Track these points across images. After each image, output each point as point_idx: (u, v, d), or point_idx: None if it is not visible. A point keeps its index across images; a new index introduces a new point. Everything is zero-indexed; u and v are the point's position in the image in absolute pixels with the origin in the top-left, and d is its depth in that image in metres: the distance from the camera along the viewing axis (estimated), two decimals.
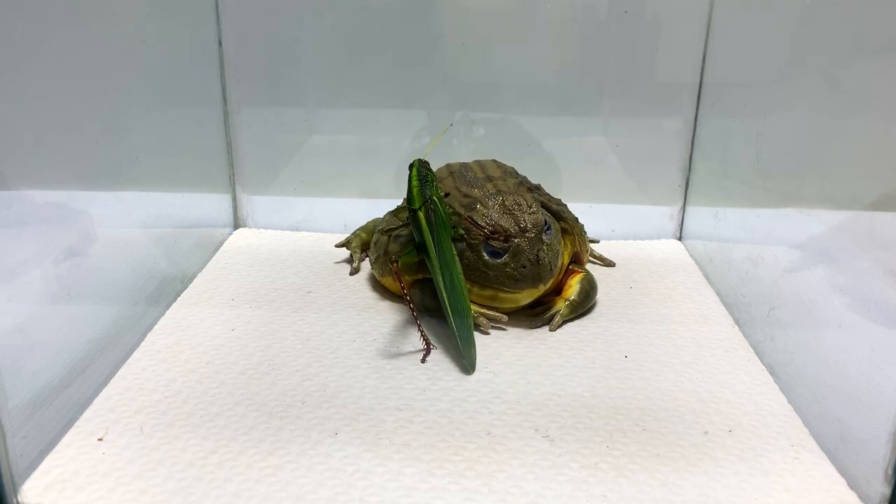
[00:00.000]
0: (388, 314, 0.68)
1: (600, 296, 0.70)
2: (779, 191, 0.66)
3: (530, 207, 0.63)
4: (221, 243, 0.83)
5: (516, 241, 0.62)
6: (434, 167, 0.66)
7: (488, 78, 0.83)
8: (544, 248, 0.63)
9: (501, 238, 0.62)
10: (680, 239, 0.87)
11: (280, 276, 0.75)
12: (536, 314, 0.66)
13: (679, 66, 0.81)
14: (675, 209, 0.86)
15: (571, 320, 0.66)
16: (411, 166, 0.63)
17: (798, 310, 0.60)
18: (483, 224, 0.62)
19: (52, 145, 0.57)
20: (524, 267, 0.62)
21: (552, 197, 0.73)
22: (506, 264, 0.62)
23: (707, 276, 0.76)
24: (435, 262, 0.61)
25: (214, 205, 0.85)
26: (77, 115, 0.61)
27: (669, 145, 0.84)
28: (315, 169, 0.87)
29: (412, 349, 0.62)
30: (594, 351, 0.62)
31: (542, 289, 0.64)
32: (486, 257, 0.63)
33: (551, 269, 0.63)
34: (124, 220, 0.68)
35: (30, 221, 0.56)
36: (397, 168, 0.84)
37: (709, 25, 0.79)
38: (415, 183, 0.62)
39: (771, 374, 0.59)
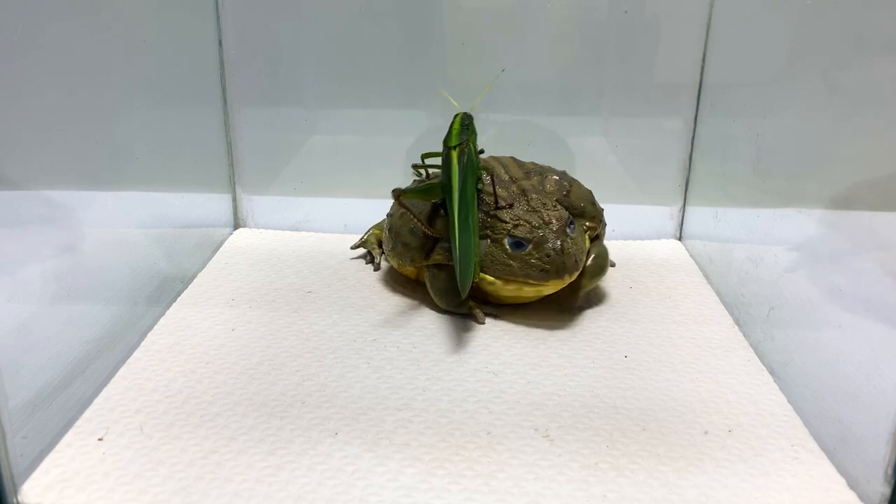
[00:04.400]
0: (388, 314, 0.68)
1: (600, 296, 0.70)
2: (779, 191, 0.66)
3: (555, 206, 0.65)
4: (221, 243, 0.83)
5: (540, 232, 0.62)
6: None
7: (488, 78, 0.83)
8: (568, 240, 0.63)
9: (507, 205, 0.64)
10: (680, 239, 0.87)
11: (280, 276, 0.75)
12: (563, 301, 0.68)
13: (679, 66, 0.81)
14: (675, 209, 0.86)
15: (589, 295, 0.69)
16: (456, 116, 0.65)
17: (798, 310, 0.60)
18: (508, 219, 0.64)
19: (51, 145, 0.57)
20: (548, 256, 0.62)
21: (582, 186, 0.72)
22: (529, 255, 0.62)
23: (707, 276, 0.76)
24: (455, 197, 0.62)
25: (214, 205, 0.85)
26: (77, 115, 0.61)
27: (669, 145, 0.84)
28: (315, 169, 0.87)
29: (412, 349, 0.62)
30: (594, 351, 0.62)
31: (566, 280, 0.64)
32: (510, 249, 0.63)
33: (576, 261, 0.64)
34: (124, 220, 0.67)
35: (30, 221, 0.56)
36: (397, 168, 0.84)
37: (709, 25, 0.79)
38: (456, 126, 0.64)
39: (771, 374, 0.59)
